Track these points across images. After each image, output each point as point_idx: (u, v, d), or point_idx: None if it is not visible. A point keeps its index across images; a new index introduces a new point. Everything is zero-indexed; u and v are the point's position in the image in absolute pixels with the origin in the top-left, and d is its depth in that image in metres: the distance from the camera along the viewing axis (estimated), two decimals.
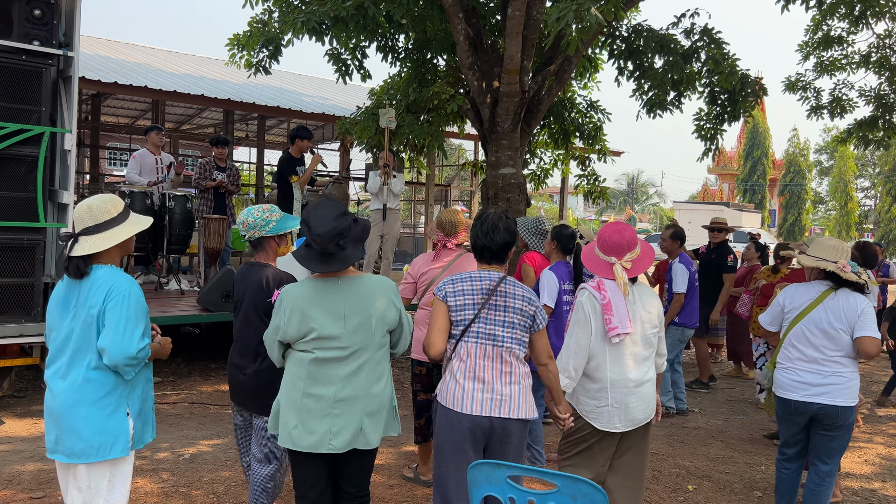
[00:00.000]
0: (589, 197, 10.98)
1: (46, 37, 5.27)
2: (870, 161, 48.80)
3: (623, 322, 3.23)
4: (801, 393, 3.90)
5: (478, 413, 2.98)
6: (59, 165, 5.47)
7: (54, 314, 2.80)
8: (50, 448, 2.77)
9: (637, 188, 64.25)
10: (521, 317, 3.07)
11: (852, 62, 10.84)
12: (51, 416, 2.75)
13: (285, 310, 2.86)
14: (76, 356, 2.72)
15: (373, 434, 2.92)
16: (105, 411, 2.72)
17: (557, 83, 8.29)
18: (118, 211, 2.82)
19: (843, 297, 3.88)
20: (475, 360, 3.03)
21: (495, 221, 3.15)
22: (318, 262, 2.82)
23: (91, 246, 2.73)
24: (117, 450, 2.75)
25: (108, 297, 2.69)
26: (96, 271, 2.76)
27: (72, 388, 2.70)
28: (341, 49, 8.52)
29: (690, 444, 5.91)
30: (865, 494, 4.95)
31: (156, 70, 12.33)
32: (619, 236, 3.37)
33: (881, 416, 7.15)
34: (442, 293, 3.07)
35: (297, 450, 2.86)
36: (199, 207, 8.07)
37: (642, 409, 3.35)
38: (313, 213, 2.87)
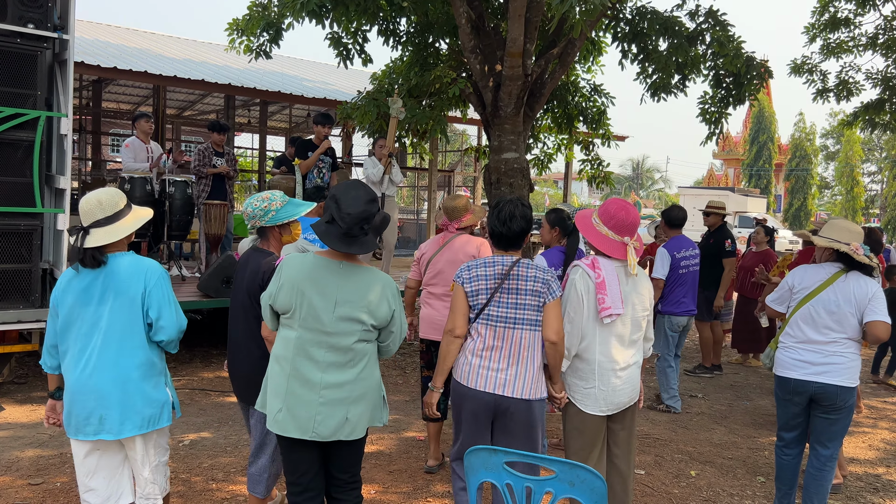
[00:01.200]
0: (593, 182, 10.89)
1: (41, 20, 5.21)
2: (876, 145, 48.45)
3: (616, 302, 3.22)
4: (801, 371, 3.88)
5: (482, 389, 3.12)
6: (55, 150, 5.43)
7: (73, 306, 2.88)
8: (91, 430, 2.86)
9: (642, 173, 64.00)
10: (534, 297, 3.13)
11: (859, 44, 10.70)
12: (90, 398, 2.84)
13: (281, 277, 2.85)
14: (113, 338, 2.85)
15: (358, 423, 2.87)
16: (151, 383, 2.93)
17: (561, 66, 8.19)
18: (124, 202, 3.00)
19: (853, 280, 3.84)
20: (486, 341, 3.16)
21: (512, 210, 3.24)
22: (339, 241, 2.77)
23: (107, 236, 2.88)
24: (164, 419, 2.98)
25: (149, 279, 2.90)
26: (119, 259, 2.92)
27: (118, 367, 2.85)
28: (342, 33, 8.42)
29: (693, 430, 5.88)
30: (870, 479, 4.91)
31: (156, 55, 12.25)
32: (632, 216, 3.34)
33: (886, 402, 7.11)
34: (460, 279, 3.21)
35: (283, 435, 2.83)
36: (198, 193, 8.01)
37: (627, 391, 3.35)
38: (345, 191, 2.81)
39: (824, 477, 3.97)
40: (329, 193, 2.90)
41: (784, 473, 4.13)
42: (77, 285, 2.90)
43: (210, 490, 4.25)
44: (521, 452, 2.42)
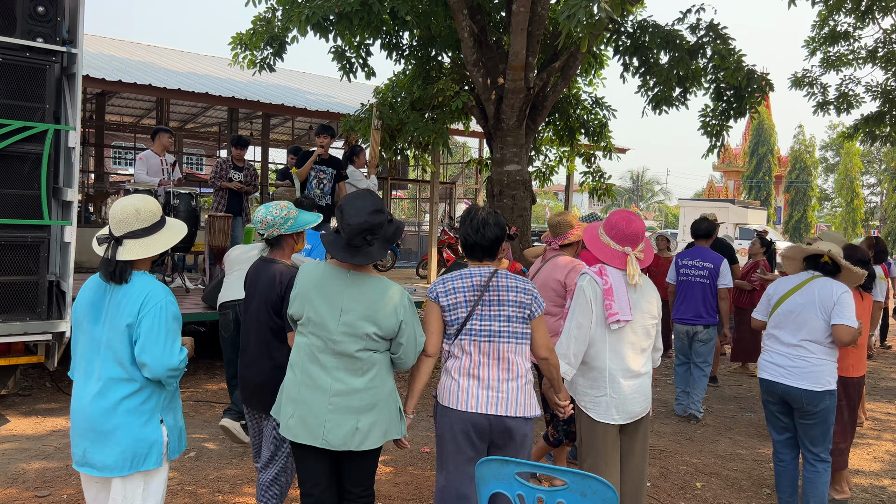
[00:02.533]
0: (594, 194, 10.93)
1: (50, 34, 5.25)
2: (876, 158, 48.57)
3: (623, 309, 3.21)
4: (770, 372, 4.08)
5: (474, 410, 2.92)
6: (63, 163, 5.45)
7: (83, 320, 2.69)
8: (78, 461, 2.65)
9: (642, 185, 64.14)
10: (519, 308, 2.98)
11: (859, 57, 10.78)
12: (79, 426, 2.63)
13: (298, 284, 2.89)
14: (107, 364, 2.61)
15: (370, 433, 2.83)
16: (140, 420, 2.62)
17: (562, 80, 8.26)
18: (161, 213, 2.76)
19: (819, 284, 3.98)
20: (472, 358, 2.97)
21: (485, 217, 3.06)
22: (342, 251, 2.79)
23: (143, 250, 2.64)
24: (151, 461, 2.64)
25: (144, 307, 2.59)
26: (132, 278, 2.66)
27: (103, 398, 2.59)
28: (345, 46, 8.50)
29: (698, 442, 5.88)
30: (875, 491, 4.91)
31: (160, 68, 12.32)
32: (635, 226, 3.34)
33: (889, 413, 7.10)
34: (433, 294, 3.02)
35: (294, 440, 2.85)
36: (214, 206, 8.09)
37: (640, 401, 3.34)
38: (351, 202, 2.82)
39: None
40: (339, 204, 2.91)
41: (781, 480, 4.22)
42: (91, 298, 2.69)
43: (216, 502, 4.25)
44: (532, 463, 2.43)
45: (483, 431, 2.94)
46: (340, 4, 7.10)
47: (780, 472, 4.22)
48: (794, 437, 4.16)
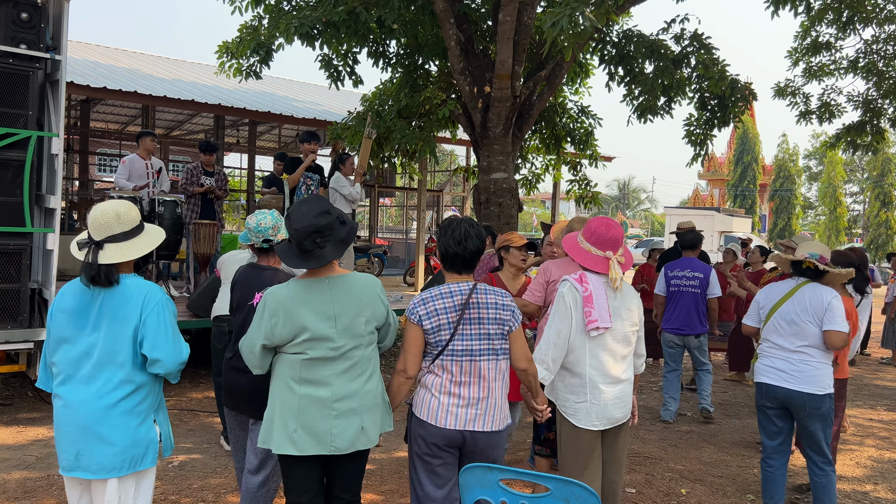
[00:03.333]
0: (580, 202, 10.99)
1: (34, 40, 5.23)
2: (858, 166, 49.16)
3: (603, 316, 3.24)
4: (770, 376, 4.12)
5: (451, 427, 2.93)
6: (46, 170, 5.42)
7: (67, 327, 2.67)
8: (68, 466, 2.64)
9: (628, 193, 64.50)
10: (498, 325, 2.99)
11: (840, 67, 10.92)
12: (69, 431, 2.62)
13: (271, 312, 2.80)
14: (102, 368, 2.62)
15: (372, 431, 2.91)
16: (136, 421, 2.66)
17: (549, 88, 8.30)
18: (140, 217, 2.79)
19: (809, 291, 4.07)
20: (453, 377, 2.96)
21: (467, 229, 3.03)
22: (295, 258, 2.81)
23: (124, 253, 2.67)
24: (148, 460, 2.70)
25: (146, 306, 2.66)
26: (123, 280, 2.69)
27: (101, 400, 2.61)
28: (332, 55, 8.51)
29: (683, 448, 5.90)
30: (858, 497, 4.95)
31: (146, 75, 12.28)
32: (614, 231, 3.37)
33: (872, 420, 7.16)
34: (416, 317, 2.96)
35: (301, 454, 2.81)
36: (186, 213, 8.00)
37: (619, 407, 3.36)
38: (296, 208, 2.84)
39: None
40: (286, 213, 2.92)
41: (769, 485, 4.23)
42: (73, 304, 2.68)
43: None
44: (516, 470, 2.43)
45: (456, 445, 2.98)
46: (327, 13, 7.11)
47: (768, 478, 4.24)
48: (786, 443, 4.23)
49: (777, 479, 4.21)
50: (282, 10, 8.11)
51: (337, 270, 2.93)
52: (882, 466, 5.66)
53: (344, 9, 7.12)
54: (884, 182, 43.10)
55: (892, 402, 8.06)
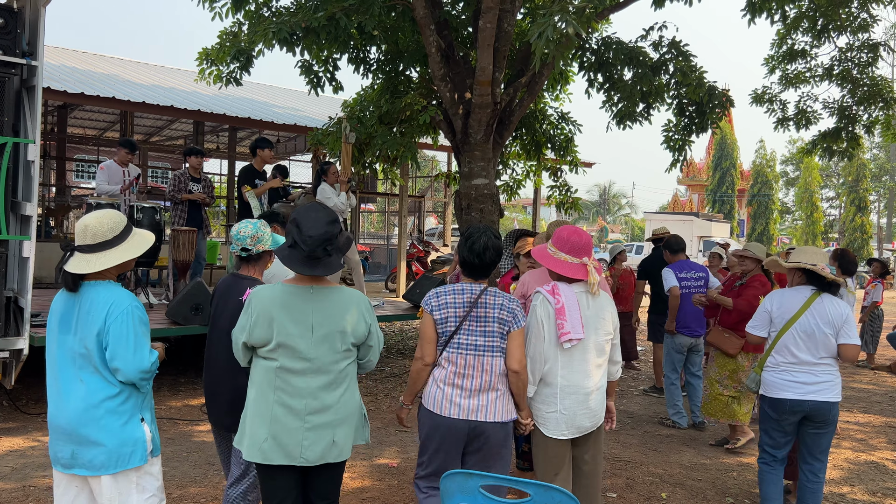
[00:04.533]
0: (561, 208, 11.04)
1: (9, 46, 5.17)
2: (834, 172, 49.90)
3: (576, 327, 3.27)
4: (796, 391, 4.05)
5: (456, 416, 3.14)
6: (21, 177, 5.35)
7: (54, 330, 2.79)
8: (66, 463, 2.74)
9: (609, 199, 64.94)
10: (500, 325, 3.19)
11: (816, 75, 11.09)
12: (61, 431, 2.73)
13: (253, 311, 2.83)
14: (83, 371, 2.71)
15: (345, 445, 2.90)
16: (120, 420, 2.72)
17: (529, 95, 8.35)
18: (114, 234, 2.78)
19: (829, 303, 4.08)
20: (457, 369, 3.17)
21: (486, 242, 3.23)
22: (303, 265, 2.78)
23: (82, 265, 2.72)
24: (136, 458, 2.75)
25: (111, 314, 2.69)
26: (94, 287, 2.75)
27: (85, 402, 2.69)
28: (313, 61, 8.49)
29: (663, 452, 5.94)
30: (835, 499, 5.01)
31: (124, 81, 12.18)
32: (584, 237, 3.43)
33: (848, 422, 7.26)
34: (429, 306, 3.22)
35: (268, 464, 2.80)
36: (173, 219, 7.96)
37: (589, 416, 3.39)
38: (305, 214, 2.82)
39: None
40: (290, 217, 2.90)
41: (770, 488, 4.22)
42: (61, 309, 2.79)
43: None
44: (496, 476, 2.44)
45: (461, 435, 3.16)
46: (307, 19, 7.09)
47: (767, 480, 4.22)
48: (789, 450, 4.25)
49: (780, 483, 4.24)
50: (262, 16, 8.09)
51: (324, 281, 2.92)
52: (859, 468, 5.73)
53: (324, 14, 7.11)
54: (859, 187, 43.82)
55: (867, 404, 8.17)
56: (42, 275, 10.13)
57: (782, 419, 4.12)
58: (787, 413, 4.09)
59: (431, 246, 14.53)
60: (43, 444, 5.55)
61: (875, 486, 5.29)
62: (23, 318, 5.30)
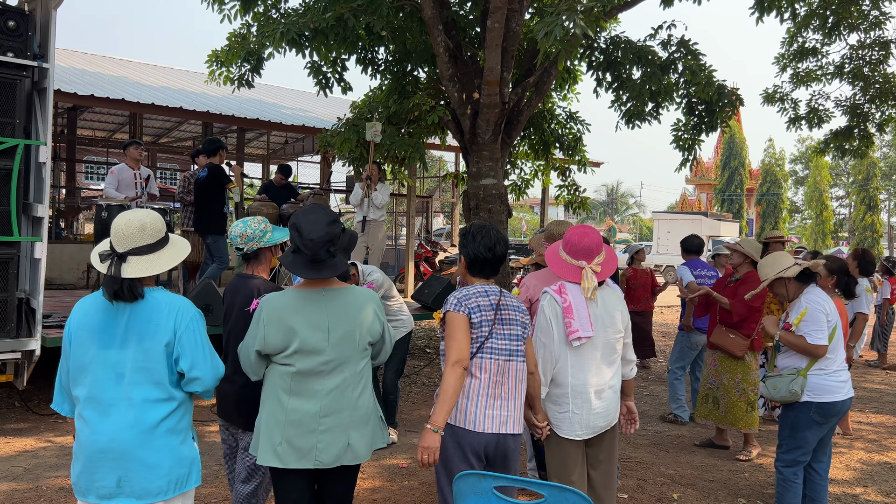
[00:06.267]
0: (569, 207, 11.02)
1: (21, 48, 5.20)
2: (844, 170, 49.61)
3: (584, 326, 3.23)
4: (844, 391, 4.07)
5: (489, 431, 2.97)
6: (33, 178, 5.39)
7: (90, 347, 2.50)
8: (107, 493, 2.46)
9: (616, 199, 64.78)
10: (522, 328, 3.12)
11: (827, 73, 11.02)
12: (104, 457, 2.45)
13: (265, 320, 2.80)
14: (135, 387, 2.48)
15: (361, 447, 2.86)
16: (178, 439, 2.55)
17: (537, 94, 8.33)
18: (166, 229, 2.65)
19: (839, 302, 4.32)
20: (490, 377, 3.01)
21: (496, 236, 3.14)
22: (307, 269, 2.76)
23: (150, 267, 2.52)
24: (193, 479, 2.59)
25: (180, 322, 2.53)
26: (150, 294, 2.55)
27: (141, 422, 2.47)
28: (321, 62, 8.50)
29: (674, 453, 5.92)
30: (848, 500, 4.97)
31: (133, 83, 12.23)
32: (588, 239, 3.35)
33: (861, 423, 7.21)
34: (465, 309, 2.99)
35: (284, 467, 2.79)
36: (182, 220, 7.99)
37: (603, 415, 3.35)
38: (304, 217, 2.79)
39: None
40: (290, 222, 2.88)
41: (796, 498, 4.15)
42: (96, 321, 2.52)
43: None
44: (509, 477, 2.43)
45: (488, 450, 2.99)
46: (316, 20, 7.10)
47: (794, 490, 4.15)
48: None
49: (800, 490, 4.19)
50: (270, 17, 8.11)
51: (335, 283, 2.91)
52: (871, 469, 5.69)
53: (332, 15, 7.12)
54: (869, 186, 43.54)
55: (879, 404, 8.12)
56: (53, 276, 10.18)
57: (828, 423, 4.06)
58: (833, 416, 4.04)
59: (439, 246, 14.53)
60: (55, 444, 5.58)
61: (888, 487, 5.25)
62: (35, 319, 5.33)
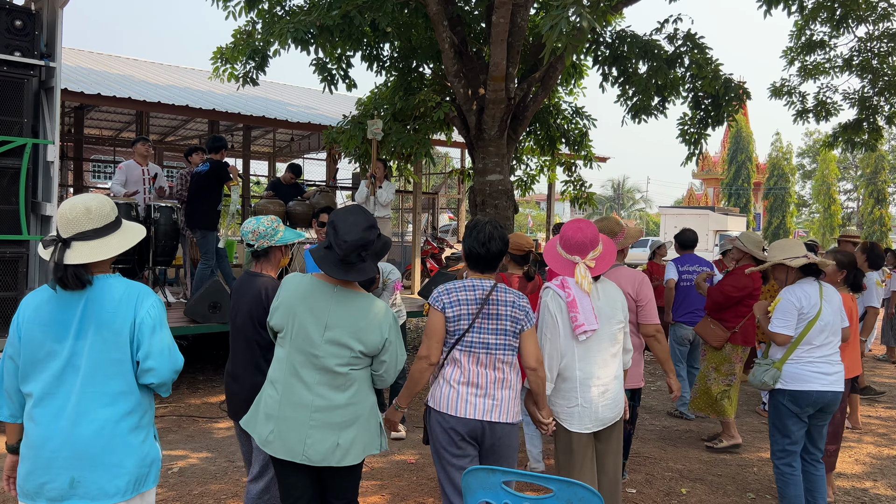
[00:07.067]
0: (575, 203, 11.00)
1: (28, 47, 5.23)
2: (852, 164, 49.35)
3: (589, 319, 3.25)
4: (820, 382, 4.05)
5: (471, 417, 3.05)
6: (41, 177, 5.42)
7: (43, 339, 2.33)
8: (57, 496, 2.29)
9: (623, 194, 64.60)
10: (512, 322, 3.11)
11: (835, 66, 10.95)
12: (57, 457, 2.29)
13: (279, 296, 2.89)
14: (93, 381, 2.31)
15: (351, 450, 2.82)
16: (140, 436, 2.40)
17: (543, 89, 8.31)
18: (116, 213, 2.48)
19: (831, 291, 4.17)
20: (469, 367, 3.08)
21: (491, 231, 3.14)
22: (336, 268, 2.76)
23: (94, 252, 2.34)
24: (152, 479, 2.45)
25: (139, 309, 2.37)
26: (104, 281, 2.39)
27: (98, 418, 2.31)
28: (327, 59, 8.50)
29: (682, 448, 5.91)
30: (857, 494, 4.96)
31: (140, 81, 12.26)
32: (581, 234, 3.35)
33: (870, 416, 7.18)
34: (440, 304, 3.09)
35: (274, 456, 2.82)
36: (183, 219, 7.99)
37: (611, 407, 3.37)
38: (343, 217, 2.79)
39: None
40: (329, 219, 2.88)
41: (796, 490, 4.16)
42: (47, 314, 2.35)
43: None
44: (519, 472, 2.43)
45: (476, 436, 3.08)
46: (321, 17, 7.11)
47: (793, 482, 4.16)
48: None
49: (799, 480, 4.19)
50: (275, 14, 8.12)
51: (353, 286, 2.89)
52: (881, 463, 5.67)
53: (338, 13, 7.12)
54: (877, 179, 43.29)
55: (889, 398, 8.08)
56: None
57: (803, 412, 4.09)
58: (808, 405, 4.07)
59: (446, 242, 14.53)
60: None
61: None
62: None
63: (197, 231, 7.51)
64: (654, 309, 4.18)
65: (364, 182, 8.36)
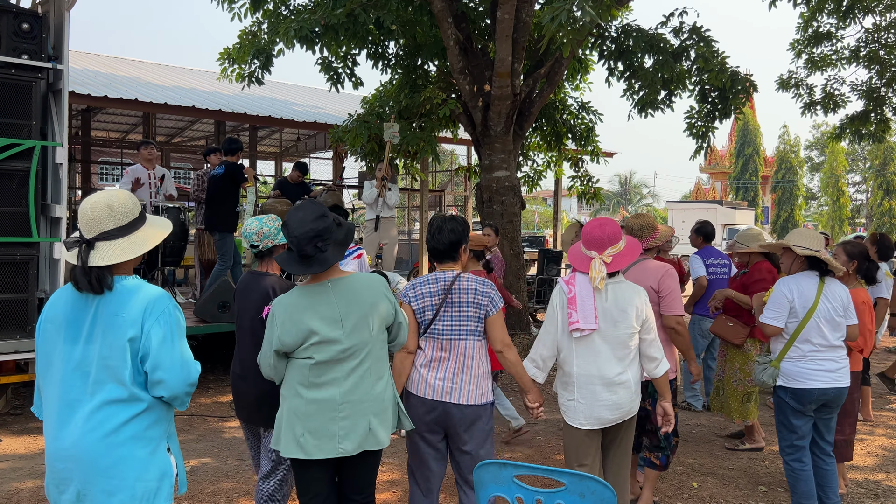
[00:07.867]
0: (583, 198, 10.99)
1: (35, 50, 5.25)
2: (860, 156, 49.05)
3: (587, 318, 3.28)
4: (822, 380, 4.01)
5: (430, 397, 3.23)
6: (50, 179, 5.44)
7: (56, 340, 2.25)
8: None
9: (630, 189, 64.43)
10: (475, 309, 3.26)
11: (842, 57, 10.90)
12: (64, 466, 2.20)
13: (278, 322, 2.82)
14: (100, 387, 2.19)
15: (382, 432, 2.90)
16: (146, 448, 2.24)
17: (548, 85, 8.31)
18: (139, 208, 2.36)
19: (835, 287, 4.08)
20: (434, 353, 3.27)
21: (440, 225, 3.35)
22: (297, 264, 2.80)
23: (120, 253, 2.23)
24: (162, 496, 2.28)
25: (149, 316, 2.22)
26: (119, 284, 2.26)
27: (102, 426, 2.18)
28: (332, 57, 8.52)
29: (693, 442, 5.90)
30: (870, 486, 4.94)
31: (146, 83, 12.31)
32: (599, 230, 3.40)
33: (882, 409, 7.15)
34: (406, 298, 3.32)
35: (307, 458, 2.81)
36: (197, 219, 8.04)
37: (610, 408, 3.35)
38: (292, 214, 2.83)
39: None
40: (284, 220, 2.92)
41: (807, 485, 4.13)
42: (64, 314, 2.26)
43: None
44: (530, 465, 2.44)
45: (438, 416, 3.24)
46: (326, 16, 7.12)
47: (805, 476, 4.14)
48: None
49: (810, 475, 4.16)
50: (280, 14, 8.14)
51: (339, 273, 2.93)
52: (893, 455, 5.64)
53: (342, 11, 7.13)
54: (886, 171, 43.02)
55: None
56: None
57: (807, 409, 4.07)
58: (812, 402, 4.04)
59: None
60: None
61: None
62: None
63: (215, 233, 7.54)
64: (677, 300, 4.07)
65: (370, 183, 8.36)
